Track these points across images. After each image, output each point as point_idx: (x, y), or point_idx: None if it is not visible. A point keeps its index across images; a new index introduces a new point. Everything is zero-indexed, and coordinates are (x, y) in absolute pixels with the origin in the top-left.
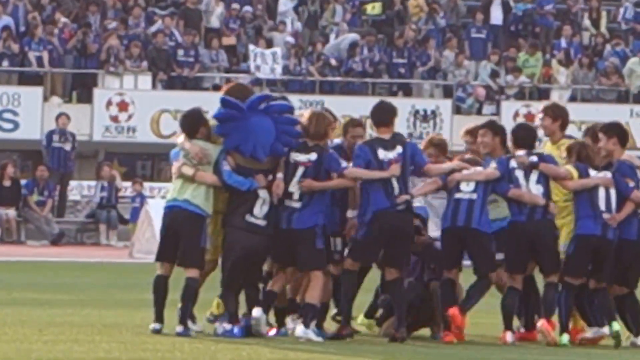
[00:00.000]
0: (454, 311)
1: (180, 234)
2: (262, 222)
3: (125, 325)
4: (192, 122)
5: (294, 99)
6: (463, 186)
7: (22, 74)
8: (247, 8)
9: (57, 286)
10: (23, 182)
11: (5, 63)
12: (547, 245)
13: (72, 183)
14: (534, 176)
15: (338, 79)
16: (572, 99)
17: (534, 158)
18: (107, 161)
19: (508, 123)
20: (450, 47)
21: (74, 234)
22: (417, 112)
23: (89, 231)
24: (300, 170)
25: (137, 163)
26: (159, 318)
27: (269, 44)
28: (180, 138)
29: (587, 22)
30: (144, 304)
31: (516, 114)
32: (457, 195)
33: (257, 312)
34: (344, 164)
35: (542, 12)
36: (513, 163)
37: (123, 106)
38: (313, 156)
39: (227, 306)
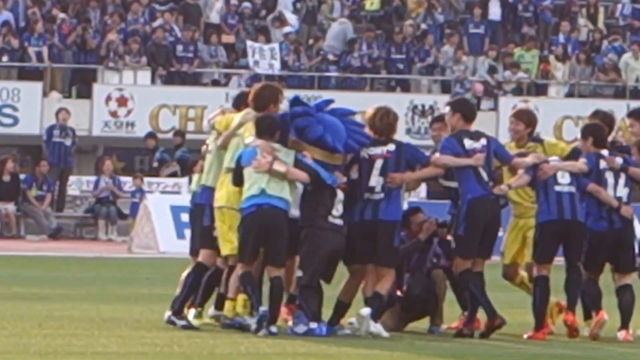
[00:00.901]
0: (569, 317)
1: (272, 232)
2: (339, 222)
3: (123, 320)
4: (270, 125)
5: (292, 95)
6: (560, 179)
7: (21, 69)
8: (246, 4)
9: (56, 281)
10: (22, 176)
11: (4, 58)
12: (626, 250)
13: (71, 178)
14: (622, 179)
15: (336, 74)
16: (570, 94)
17: (620, 160)
18: (106, 156)
19: (505, 118)
20: (450, 42)
21: (73, 228)
22: (415, 107)
23: (88, 226)
24: (379, 163)
25: (135, 158)
26: (260, 302)
27: (268, 39)
28: (250, 138)
29: (584, 14)
30: (142, 299)
31: (514, 110)
32: (557, 188)
33: (365, 311)
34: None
35: (540, 7)
36: (603, 164)
37: (122, 101)
38: (391, 147)
39: (308, 305)
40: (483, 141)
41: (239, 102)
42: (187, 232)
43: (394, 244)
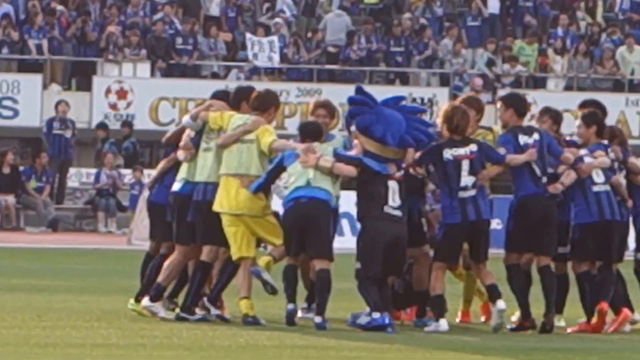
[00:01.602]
0: (603, 306)
1: (313, 225)
2: (398, 213)
3: (123, 312)
4: (315, 130)
5: (292, 87)
6: (596, 178)
7: (21, 61)
8: None
9: (55, 272)
10: (22, 169)
11: (4, 51)
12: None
13: (71, 170)
14: (623, 172)
15: (335, 67)
16: (568, 87)
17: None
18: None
19: None
20: (449, 35)
21: (72, 220)
22: (414, 100)
23: (88, 218)
24: (466, 164)
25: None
26: (292, 299)
27: (267, 32)
28: (291, 141)
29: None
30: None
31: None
32: (595, 189)
33: (501, 304)
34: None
35: (539, 0)
36: (612, 155)
37: (122, 94)
38: (474, 147)
39: (370, 295)
40: (536, 136)
41: (239, 99)
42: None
43: (488, 240)
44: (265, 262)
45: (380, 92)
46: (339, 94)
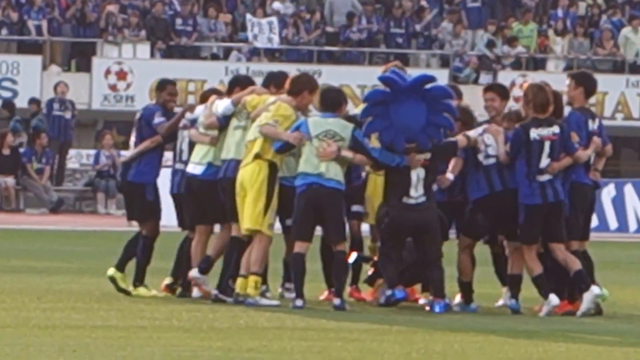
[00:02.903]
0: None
1: (326, 210)
2: (420, 201)
3: (122, 294)
4: (335, 98)
5: (292, 68)
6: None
7: (21, 42)
8: None
9: (55, 254)
10: (22, 150)
11: (4, 31)
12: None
13: (71, 151)
14: None
15: (336, 48)
16: (568, 68)
17: None
18: (105, 130)
19: None
20: (450, 18)
21: (72, 202)
22: None
23: (88, 199)
24: (547, 145)
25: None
26: (301, 294)
27: (273, 10)
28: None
29: None
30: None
31: (512, 84)
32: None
33: (596, 289)
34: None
35: None
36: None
37: (122, 75)
38: (556, 129)
39: (386, 272)
40: (597, 122)
41: (267, 84)
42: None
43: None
44: (253, 283)
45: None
46: (339, 75)
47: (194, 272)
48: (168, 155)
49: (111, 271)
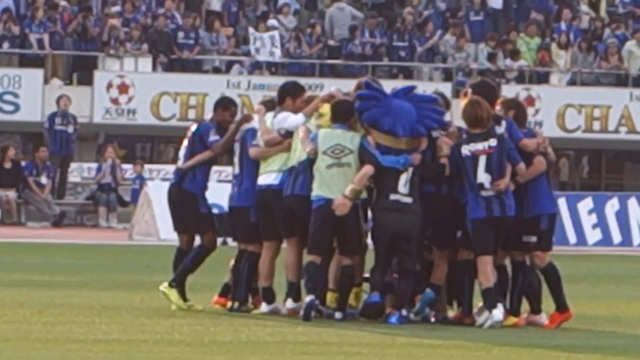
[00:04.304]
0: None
1: (343, 224)
2: (407, 199)
3: (124, 307)
4: (346, 110)
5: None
6: None
7: (22, 56)
8: None
9: (56, 268)
10: (23, 164)
11: (5, 45)
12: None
13: (72, 165)
14: None
15: (338, 61)
16: (572, 82)
17: None
18: (107, 144)
19: None
20: (453, 31)
21: (74, 215)
22: None
23: (89, 213)
24: (483, 159)
25: (137, 145)
26: (313, 291)
27: (269, 27)
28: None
29: (586, 2)
30: (143, 286)
31: (516, 97)
32: None
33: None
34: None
35: None
36: None
37: (123, 88)
38: (493, 142)
39: (372, 277)
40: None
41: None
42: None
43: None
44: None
45: (384, 87)
46: (341, 88)
47: (290, 304)
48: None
49: (164, 286)
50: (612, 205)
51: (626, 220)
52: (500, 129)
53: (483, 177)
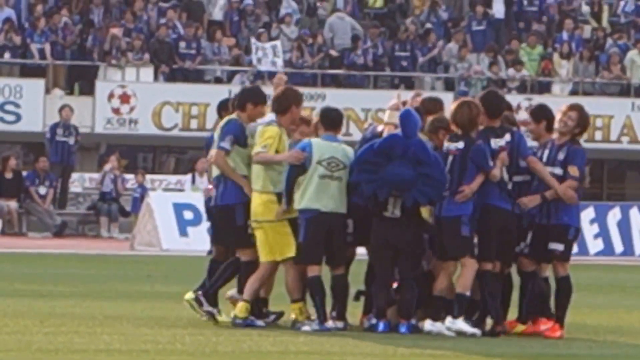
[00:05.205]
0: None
1: (336, 236)
2: (397, 215)
3: (126, 317)
4: (335, 118)
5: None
6: None
7: (24, 66)
8: (248, 1)
9: (58, 278)
10: (25, 174)
11: (7, 55)
12: None
13: (74, 175)
14: None
15: (340, 71)
16: (574, 92)
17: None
18: (108, 154)
19: None
20: (455, 40)
21: (75, 225)
22: None
23: (90, 223)
24: (450, 159)
25: (138, 155)
26: (325, 315)
27: (270, 37)
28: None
29: (587, 11)
30: (144, 296)
31: (518, 107)
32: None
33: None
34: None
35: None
36: None
37: (125, 98)
38: (460, 145)
39: (377, 300)
40: (507, 137)
41: (243, 101)
42: (190, 230)
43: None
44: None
45: (385, 97)
46: (343, 98)
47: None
48: None
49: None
50: (614, 215)
51: (628, 230)
52: (502, 140)
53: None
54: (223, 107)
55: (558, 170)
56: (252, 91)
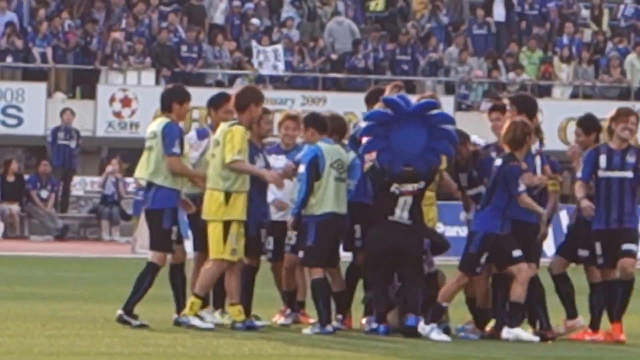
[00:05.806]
0: None
1: (341, 237)
2: (405, 221)
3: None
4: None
5: (297, 95)
6: None
7: (26, 69)
8: (249, 5)
9: (59, 281)
10: (26, 177)
11: (9, 59)
12: None
13: (75, 178)
14: None
15: (341, 75)
16: (574, 96)
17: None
18: (110, 157)
19: None
20: (456, 43)
21: (77, 229)
22: None
23: (92, 226)
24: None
25: (140, 159)
26: (329, 319)
27: (271, 40)
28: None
29: (587, 15)
30: (145, 299)
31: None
32: None
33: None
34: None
35: (544, 9)
36: None
37: (126, 102)
38: (499, 162)
39: (377, 305)
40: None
41: (169, 101)
42: (190, 233)
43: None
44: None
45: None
46: (344, 102)
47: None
48: None
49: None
50: None
51: None
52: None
53: None
54: (214, 104)
55: (629, 174)
56: (175, 90)
